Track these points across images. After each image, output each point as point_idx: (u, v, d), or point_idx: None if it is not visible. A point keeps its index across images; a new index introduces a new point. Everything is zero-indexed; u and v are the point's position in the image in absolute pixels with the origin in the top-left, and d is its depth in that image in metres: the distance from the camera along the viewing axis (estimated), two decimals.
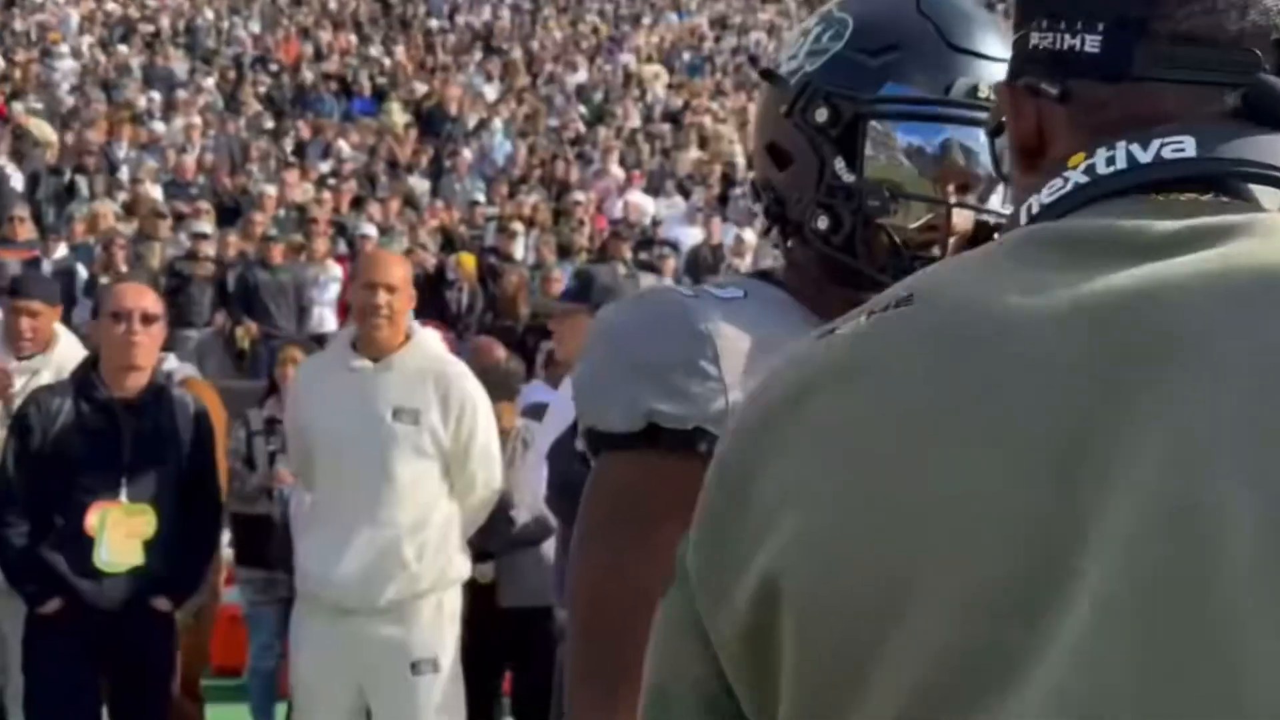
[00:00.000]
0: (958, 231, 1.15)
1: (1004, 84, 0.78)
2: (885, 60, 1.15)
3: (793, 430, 0.67)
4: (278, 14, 17.76)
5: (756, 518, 0.68)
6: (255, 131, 13.16)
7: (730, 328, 1.11)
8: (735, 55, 18.93)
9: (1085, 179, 0.69)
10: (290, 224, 10.44)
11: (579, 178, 12.51)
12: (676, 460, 1.08)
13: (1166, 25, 0.70)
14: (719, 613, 0.70)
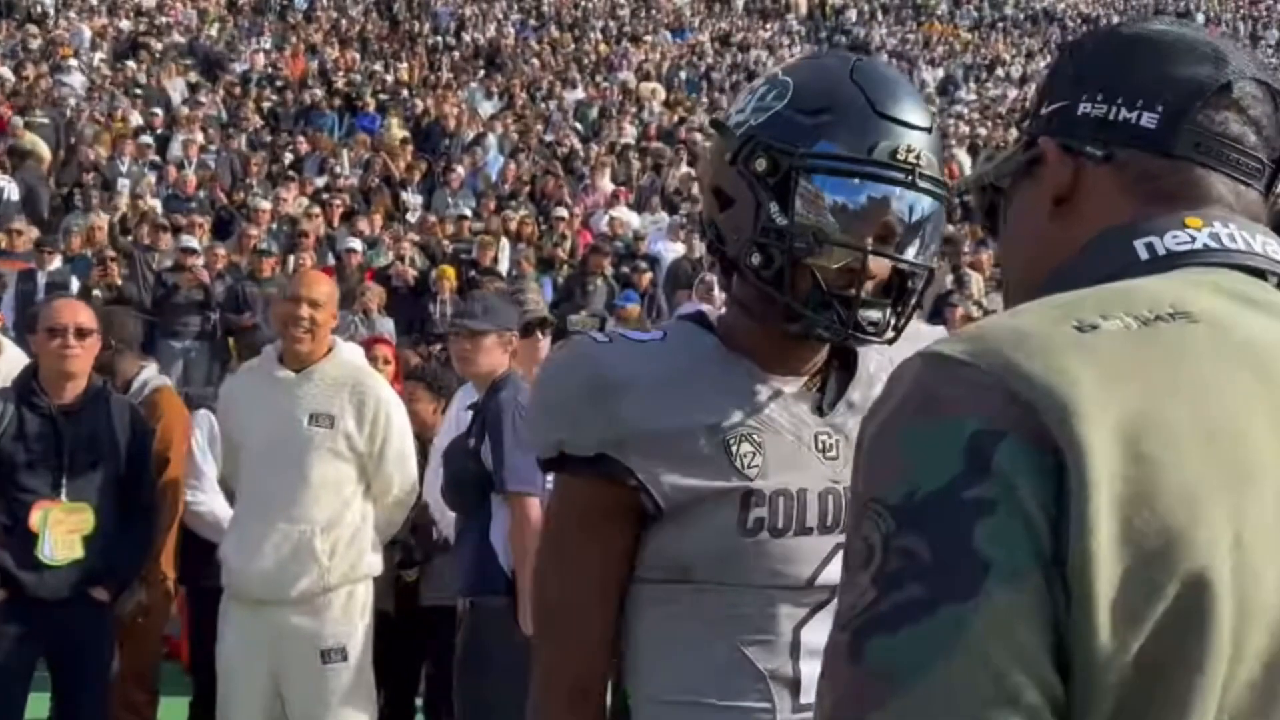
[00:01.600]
0: (874, 274, 1.31)
1: (1046, 138, 0.93)
2: (819, 121, 1.31)
3: (1178, 428, 0.72)
4: (287, 30, 18.12)
5: (1169, 520, 0.70)
6: (255, 146, 13.48)
7: (633, 367, 1.30)
8: (733, 73, 19.18)
9: (1215, 244, 0.85)
10: (283, 238, 10.73)
11: (568, 193, 12.76)
12: (585, 482, 1.30)
13: (1209, 121, 0.89)
14: (1126, 622, 0.69)
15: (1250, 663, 0.72)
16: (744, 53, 20.27)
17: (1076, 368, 0.74)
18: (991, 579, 0.70)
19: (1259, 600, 0.72)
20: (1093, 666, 0.70)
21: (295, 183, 12.11)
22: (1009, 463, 0.72)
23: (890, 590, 0.72)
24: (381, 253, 10.48)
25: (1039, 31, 23.80)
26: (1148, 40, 0.92)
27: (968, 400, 0.74)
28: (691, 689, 1.31)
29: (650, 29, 20.69)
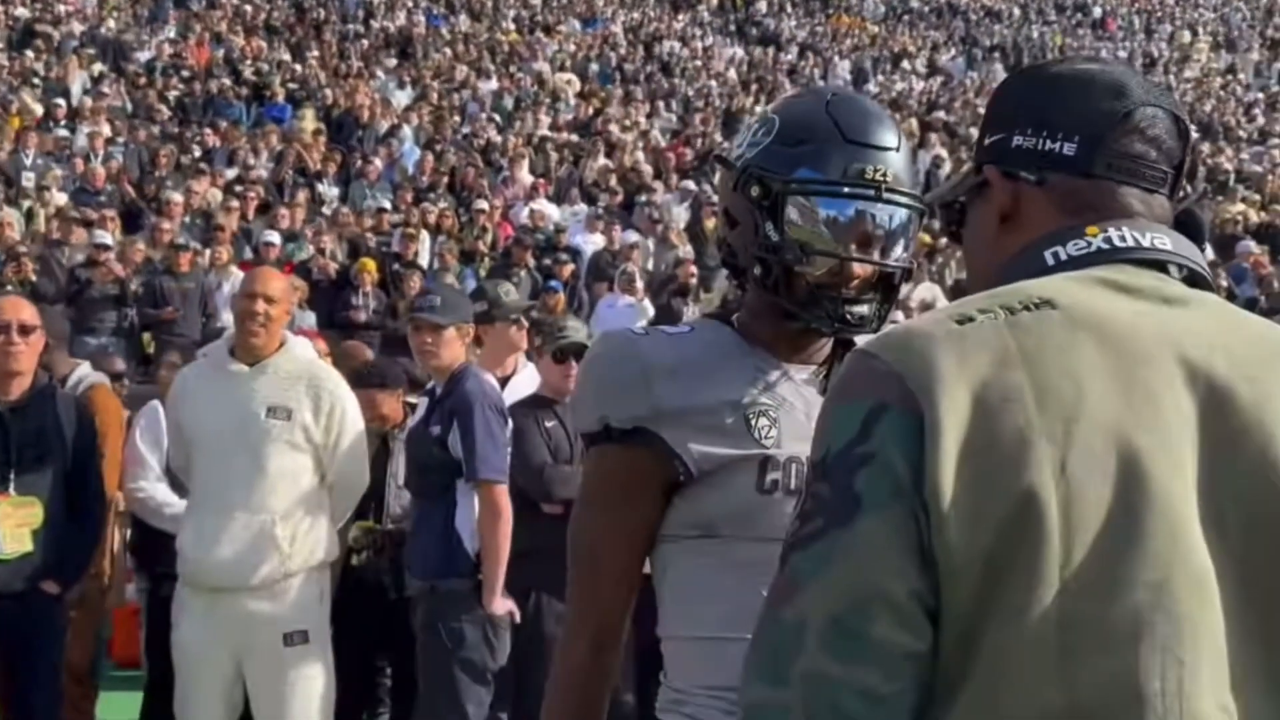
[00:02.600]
0: (858, 276, 1.54)
1: (990, 167, 1.18)
2: (799, 151, 1.55)
3: (1019, 389, 0.99)
4: (190, 18, 17.72)
5: (1005, 453, 0.98)
6: (164, 138, 13.18)
7: (666, 355, 1.53)
8: (647, 64, 19.27)
9: (1106, 246, 1.10)
10: (197, 231, 10.54)
11: (486, 185, 12.72)
12: (625, 450, 1.51)
13: (1118, 144, 1.14)
14: (968, 532, 0.96)
15: (1080, 558, 0.96)
16: (656, 44, 20.36)
17: (942, 352, 1.02)
18: (863, 510, 0.99)
19: (1082, 512, 0.97)
20: (951, 564, 0.97)
21: (207, 175, 11.88)
22: (887, 427, 1.00)
23: (805, 522, 1.02)
24: (302, 246, 10.36)
25: (944, 24, 24.30)
26: (1065, 80, 1.17)
27: (869, 384, 1.03)
28: (720, 627, 1.49)
29: (562, 19, 20.66)
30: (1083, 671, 0.96)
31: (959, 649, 0.98)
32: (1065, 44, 23.35)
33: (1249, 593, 0.99)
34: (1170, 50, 23.93)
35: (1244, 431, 1.02)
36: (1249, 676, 0.98)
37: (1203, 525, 0.99)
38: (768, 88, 18.47)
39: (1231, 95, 21.74)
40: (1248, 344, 1.07)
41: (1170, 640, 0.96)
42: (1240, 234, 12.88)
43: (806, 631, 0.98)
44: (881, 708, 0.96)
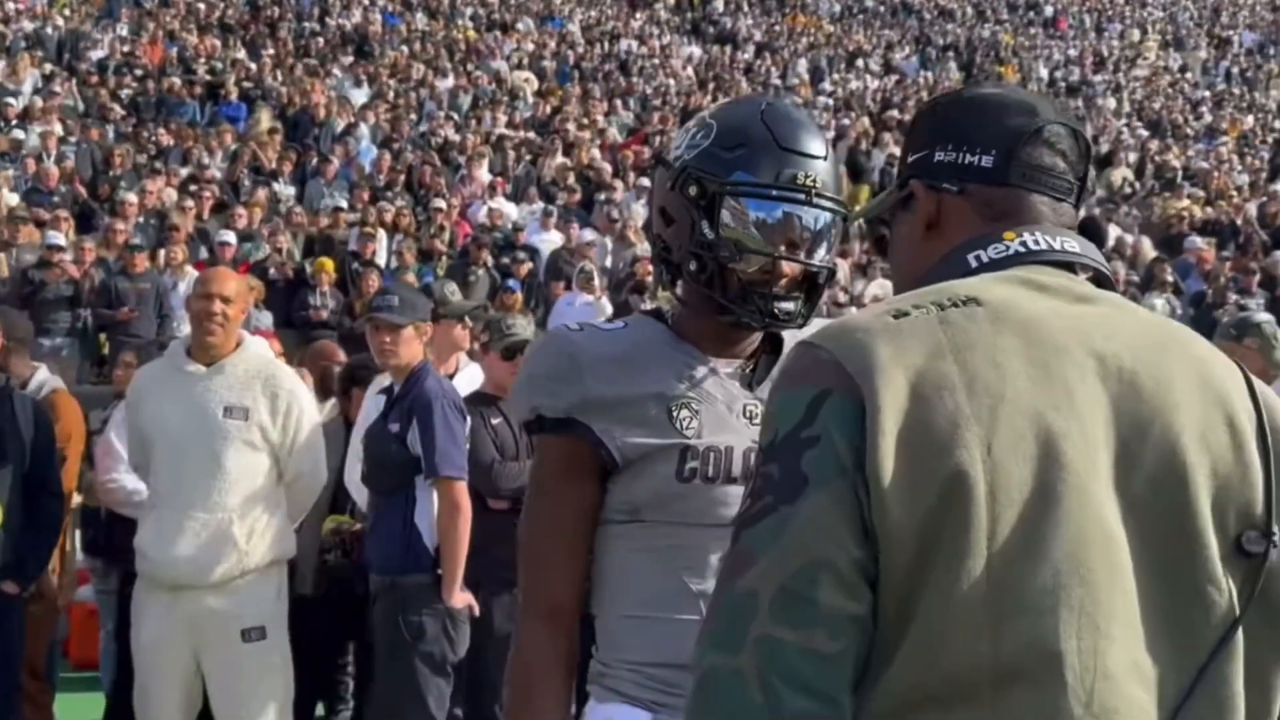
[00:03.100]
0: (787, 275, 1.64)
1: (915, 180, 1.29)
2: (736, 155, 1.64)
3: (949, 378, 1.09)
4: (143, 17, 17.54)
5: (937, 436, 1.07)
6: (119, 138, 13.06)
7: (597, 349, 1.61)
8: (605, 62, 19.31)
9: (1022, 249, 1.22)
10: (152, 231, 10.47)
11: (444, 183, 12.71)
12: (560, 439, 1.61)
13: (1028, 156, 1.26)
14: (904, 506, 1.05)
15: (1005, 530, 1.06)
16: (614, 42, 20.40)
17: (880, 344, 1.11)
18: (810, 488, 1.07)
19: (1006, 489, 1.07)
20: (889, 536, 1.06)
21: (162, 175, 11.80)
22: (830, 411, 1.09)
23: (755, 500, 1.11)
24: (259, 246, 10.33)
25: (898, 23, 24.52)
26: (982, 101, 1.30)
27: (813, 372, 1.12)
28: (642, 606, 1.59)
29: (519, 17, 20.65)
30: (1007, 633, 1.04)
31: (896, 613, 1.06)
32: (1017, 42, 23.64)
33: (1153, 560, 1.09)
34: (1121, 49, 24.27)
35: (1149, 417, 1.12)
36: (1155, 636, 1.08)
37: (1112, 499, 1.09)
38: (725, 86, 18.57)
39: (1180, 93, 22.12)
40: (1146, 337, 1.17)
41: (1085, 604, 1.05)
42: (1186, 230, 13.14)
43: (759, 600, 1.05)
44: (827, 666, 1.04)
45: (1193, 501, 1.11)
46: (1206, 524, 1.11)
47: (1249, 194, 15.67)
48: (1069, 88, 21.40)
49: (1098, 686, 1.05)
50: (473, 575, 3.80)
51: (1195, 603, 1.10)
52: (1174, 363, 1.15)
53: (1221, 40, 25.61)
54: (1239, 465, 1.13)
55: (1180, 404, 1.13)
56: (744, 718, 1.04)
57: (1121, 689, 1.06)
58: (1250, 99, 22.13)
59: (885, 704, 1.06)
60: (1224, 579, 1.11)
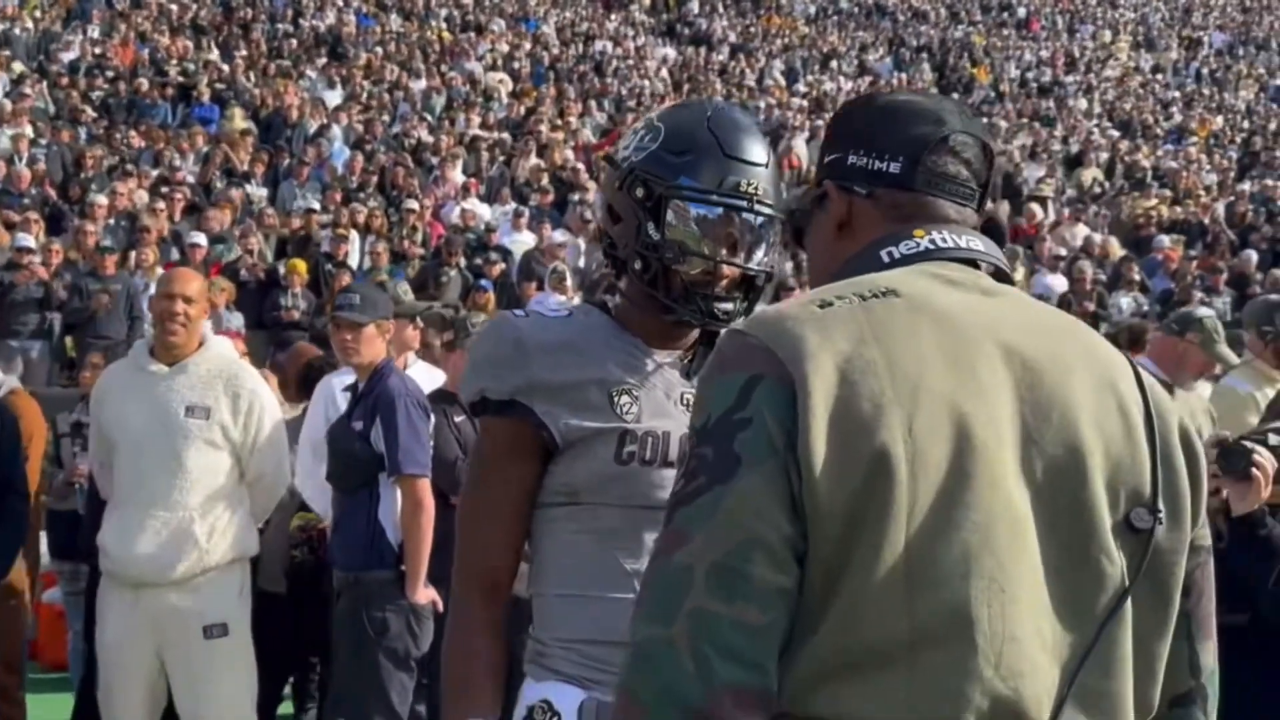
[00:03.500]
0: (727, 277, 1.70)
1: (828, 181, 1.35)
2: (682, 160, 1.70)
3: (873, 363, 1.15)
4: (115, 18, 17.46)
5: (863, 417, 1.13)
6: (91, 139, 13.01)
7: (542, 335, 1.67)
8: (580, 63, 19.34)
9: (931, 246, 1.29)
10: (123, 233, 10.44)
11: (417, 184, 12.71)
12: (503, 420, 1.66)
13: (934, 163, 1.32)
14: (833, 484, 1.11)
15: (923, 506, 1.13)
16: (589, 43, 20.44)
17: (809, 331, 1.17)
18: (743, 468, 1.13)
19: (925, 467, 1.14)
20: (818, 513, 1.12)
21: (134, 177, 11.76)
22: (761, 395, 1.15)
23: (689, 480, 1.15)
24: (231, 247, 10.32)
25: (873, 25, 24.64)
26: (893, 109, 1.36)
27: (745, 359, 1.17)
28: (578, 585, 1.65)
29: (494, 19, 20.65)
30: (925, 601, 1.12)
31: (822, 584, 1.12)
32: (990, 43, 23.80)
33: (1054, 535, 1.17)
34: (1093, 50, 24.47)
35: (1049, 403, 1.19)
36: (1055, 604, 1.16)
37: (1018, 478, 1.17)
38: (699, 87, 18.63)
39: (1150, 94, 22.31)
40: (1046, 329, 1.25)
41: (995, 574, 1.13)
42: (1154, 230, 13.28)
43: (694, 575, 1.11)
44: (757, 638, 1.10)
45: (1088, 481, 1.18)
46: (1100, 502, 1.18)
47: (1217, 193, 15.85)
48: (1040, 88, 21.56)
49: (1005, 650, 1.12)
50: (436, 571, 3.83)
51: (1090, 574, 1.18)
52: (1071, 353, 1.23)
53: (1192, 41, 25.84)
54: (1129, 448, 1.21)
55: (1077, 392, 1.20)
56: (677, 686, 1.09)
57: (1026, 652, 1.13)
58: (1220, 99, 22.35)
59: (809, 670, 1.12)
60: (1116, 552, 1.18)
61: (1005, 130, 18.34)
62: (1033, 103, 20.36)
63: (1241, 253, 12.61)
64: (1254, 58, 25.20)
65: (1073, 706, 1.15)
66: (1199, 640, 1.31)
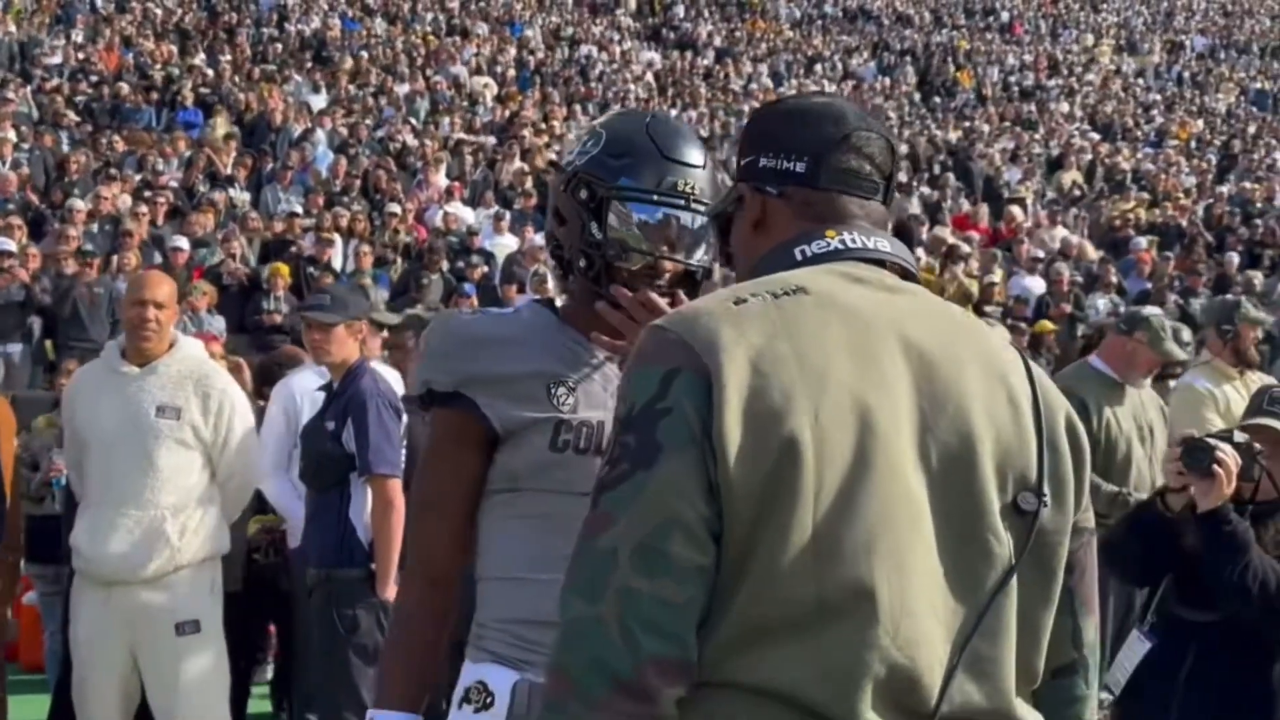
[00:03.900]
0: (668, 272, 1.78)
1: (743, 184, 1.42)
2: (623, 162, 1.78)
3: (784, 356, 1.23)
4: (99, 23, 17.47)
5: (774, 407, 1.21)
6: (75, 144, 13.02)
7: (486, 331, 1.75)
8: (566, 68, 19.40)
9: (841, 246, 1.36)
10: (103, 238, 10.46)
11: (400, 188, 12.76)
12: (449, 411, 1.73)
13: (837, 161, 1.40)
14: (746, 468, 1.19)
15: (828, 488, 1.22)
16: (574, 47, 20.50)
17: (724, 326, 1.25)
18: (663, 453, 1.21)
19: (830, 453, 1.22)
20: (732, 495, 1.20)
21: (118, 181, 11.78)
22: (680, 386, 1.23)
23: (614, 467, 1.23)
24: (214, 251, 10.35)
25: (857, 29, 24.75)
26: (798, 112, 1.44)
27: (665, 352, 1.25)
28: (516, 569, 1.72)
29: (479, 23, 20.70)
30: (830, 576, 1.20)
31: (737, 562, 1.20)
32: (973, 47, 23.93)
33: (947, 516, 1.26)
34: (1076, 53, 24.61)
35: (945, 392, 1.28)
36: (948, 580, 1.25)
37: (915, 464, 1.25)
38: (684, 91, 18.71)
39: (1132, 97, 22.46)
40: (944, 325, 1.34)
41: (894, 552, 1.22)
42: (1132, 232, 13.38)
43: (619, 555, 1.19)
44: (677, 612, 1.19)
45: (979, 467, 1.27)
46: (990, 486, 1.27)
47: (1196, 196, 15.97)
48: (1022, 92, 21.68)
49: (903, 622, 1.21)
50: None
51: (980, 552, 1.26)
52: (966, 348, 1.32)
53: (1174, 44, 26.01)
54: (1017, 437, 1.30)
55: (970, 384, 1.29)
56: (605, 659, 1.17)
57: (921, 624, 1.22)
58: (1200, 103, 22.51)
59: (725, 640, 1.21)
60: (1003, 532, 1.27)
61: (987, 134, 18.45)
62: (1014, 106, 20.48)
63: (1224, 255, 12.72)
64: (1235, 61, 25.38)
65: (962, 673, 1.24)
66: (1082, 616, 1.39)
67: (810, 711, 1.20)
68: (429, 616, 1.73)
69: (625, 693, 1.17)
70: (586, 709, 1.17)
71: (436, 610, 1.74)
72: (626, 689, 1.16)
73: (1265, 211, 14.71)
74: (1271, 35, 27.44)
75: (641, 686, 1.16)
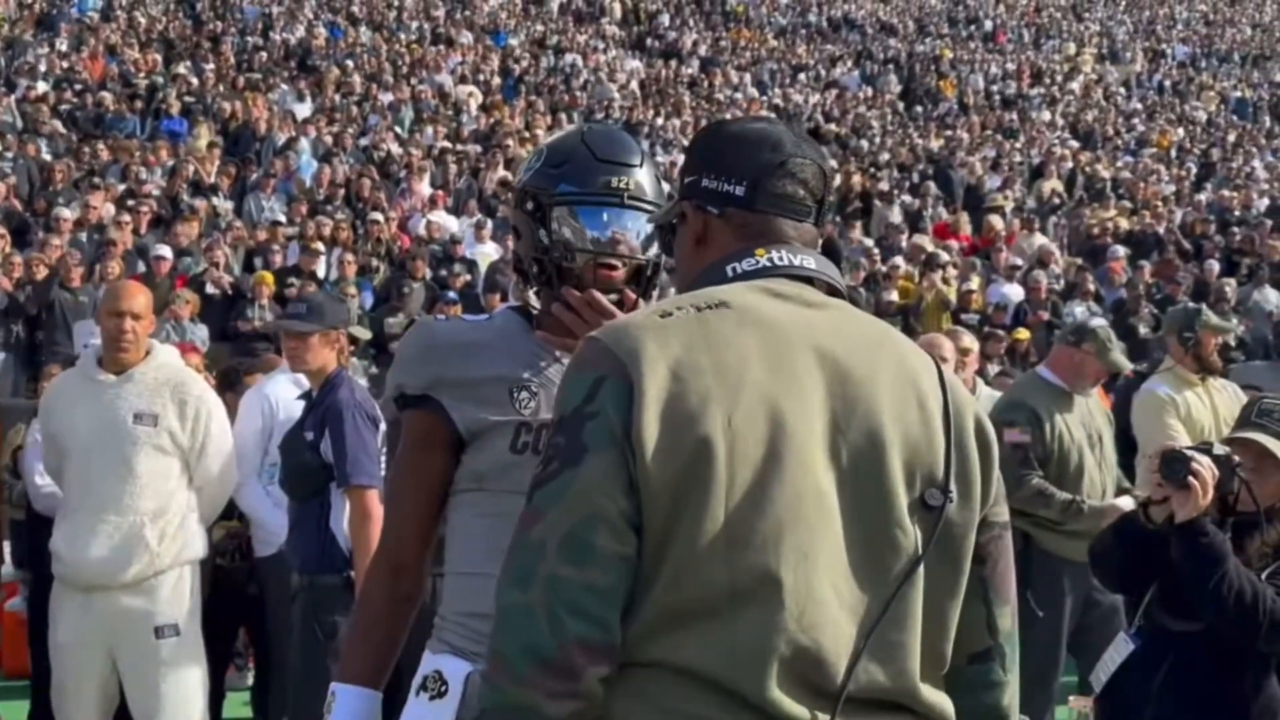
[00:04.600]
0: (616, 269, 1.85)
1: (686, 201, 1.53)
2: (561, 170, 1.89)
3: (702, 365, 1.33)
4: (84, 31, 17.49)
5: (689, 411, 1.32)
6: (59, 154, 13.04)
7: (455, 336, 1.85)
8: (550, 76, 19.47)
9: (769, 264, 1.46)
10: (92, 246, 10.49)
11: (384, 197, 12.80)
12: (420, 413, 1.82)
13: (773, 186, 1.50)
14: (661, 466, 1.30)
15: (740, 484, 1.33)
16: (559, 56, 20.57)
17: (648, 338, 1.37)
18: (589, 454, 1.32)
19: (743, 453, 1.33)
20: (650, 490, 1.32)
21: (102, 190, 11.80)
22: (606, 392, 1.34)
23: (546, 465, 1.35)
24: (197, 260, 10.38)
25: (840, 38, 24.89)
26: (739, 136, 1.55)
27: (595, 361, 1.37)
28: (475, 564, 1.80)
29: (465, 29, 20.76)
30: (740, 564, 1.31)
31: (655, 551, 1.32)
32: (957, 56, 24.09)
33: (856, 511, 1.37)
34: (1059, 63, 24.78)
35: (855, 397, 1.39)
36: (855, 570, 1.36)
37: (826, 462, 1.36)
38: (668, 100, 18.80)
39: (1113, 105, 22.63)
40: (861, 337, 1.44)
41: (802, 543, 1.32)
42: (1110, 240, 13.50)
43: (547, 546, 1.30)
44: (601, 598, 1.29)
45: (887, 465, 1.37)
46: (898, 483, 1.37)
47: (1175, 204, 16.10)
48: (1004, 100, 21.83)
49: (808, 608, 1.31)
50: None
51: (887, 545, 1.37)
52: (880, 357, 1.43)
53: (1155, 53, 26.20)
54: (925, 437, 1.40)
55: (882, 389, 1.40)
56: (533, 642, 1.28)
57: (826, 611, 1.33)
58: (1181, 111, 22.69)
59: (645, 623, 1.31)
60: (911, 526, 1.37)
61: (969, 143, 18.58)
62: (996, 115, 20.62)
63: (1203, 262, 12.83)
64: (1216, 70, 25.59)
65: (868, 656, 1.34)
66: (996, 605, 1.48)
67: (723, 689, 1.30)
68: (388, 601, 1.83)
69: (550, 670, 1.27)
70: (515, 685, 1.28)
71: (397, 595, 1.84)
72: (551, 667, 1.27)
73: (1244, 220, 14.84)
74: (1252, 44, 27.68)
75: (565, 665, 1.27)
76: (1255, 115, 22.95)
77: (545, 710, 1.27)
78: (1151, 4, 29.59)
